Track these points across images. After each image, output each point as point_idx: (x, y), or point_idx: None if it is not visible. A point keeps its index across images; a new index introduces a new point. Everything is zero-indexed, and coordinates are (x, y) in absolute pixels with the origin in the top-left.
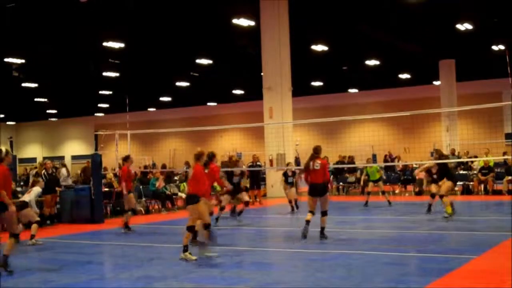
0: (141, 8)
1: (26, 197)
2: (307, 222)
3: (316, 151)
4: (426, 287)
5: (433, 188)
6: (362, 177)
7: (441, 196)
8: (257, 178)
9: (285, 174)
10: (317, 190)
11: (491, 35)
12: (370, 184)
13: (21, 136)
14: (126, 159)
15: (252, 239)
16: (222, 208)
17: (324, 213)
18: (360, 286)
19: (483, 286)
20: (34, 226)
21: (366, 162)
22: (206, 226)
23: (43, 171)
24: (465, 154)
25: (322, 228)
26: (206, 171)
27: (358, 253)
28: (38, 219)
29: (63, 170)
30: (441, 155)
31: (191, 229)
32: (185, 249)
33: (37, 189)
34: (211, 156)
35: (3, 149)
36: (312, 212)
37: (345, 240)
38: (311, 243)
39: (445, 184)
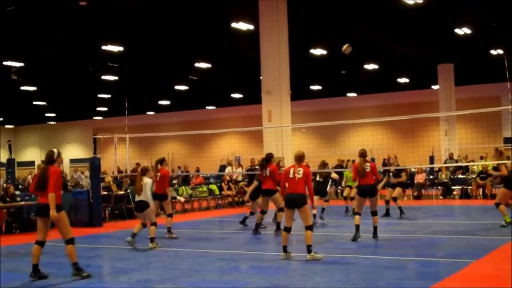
0: (140, 11)
1: (141, 196)
2: (358, 226)
3: (363, 154)
4: None
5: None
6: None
7: (498, 205)
8: None
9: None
10: (367, 191)
11: (490, 39)
12: (347, 189)
13: (19, 140)
14: (162, 162)
15: (250, 243)
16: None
17: (374, 213)
18: None
19: None
20: (153, 228)
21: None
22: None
23: None
24: (464, 158)
25: (375, 228)
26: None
27: (356, 257)
28: (155, 220)
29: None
30: (501, 154)
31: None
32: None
33: (148, 181)
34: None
35: (55, 150)
36: (360, 214)
37: (344, 244)
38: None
39: (501, 190)
